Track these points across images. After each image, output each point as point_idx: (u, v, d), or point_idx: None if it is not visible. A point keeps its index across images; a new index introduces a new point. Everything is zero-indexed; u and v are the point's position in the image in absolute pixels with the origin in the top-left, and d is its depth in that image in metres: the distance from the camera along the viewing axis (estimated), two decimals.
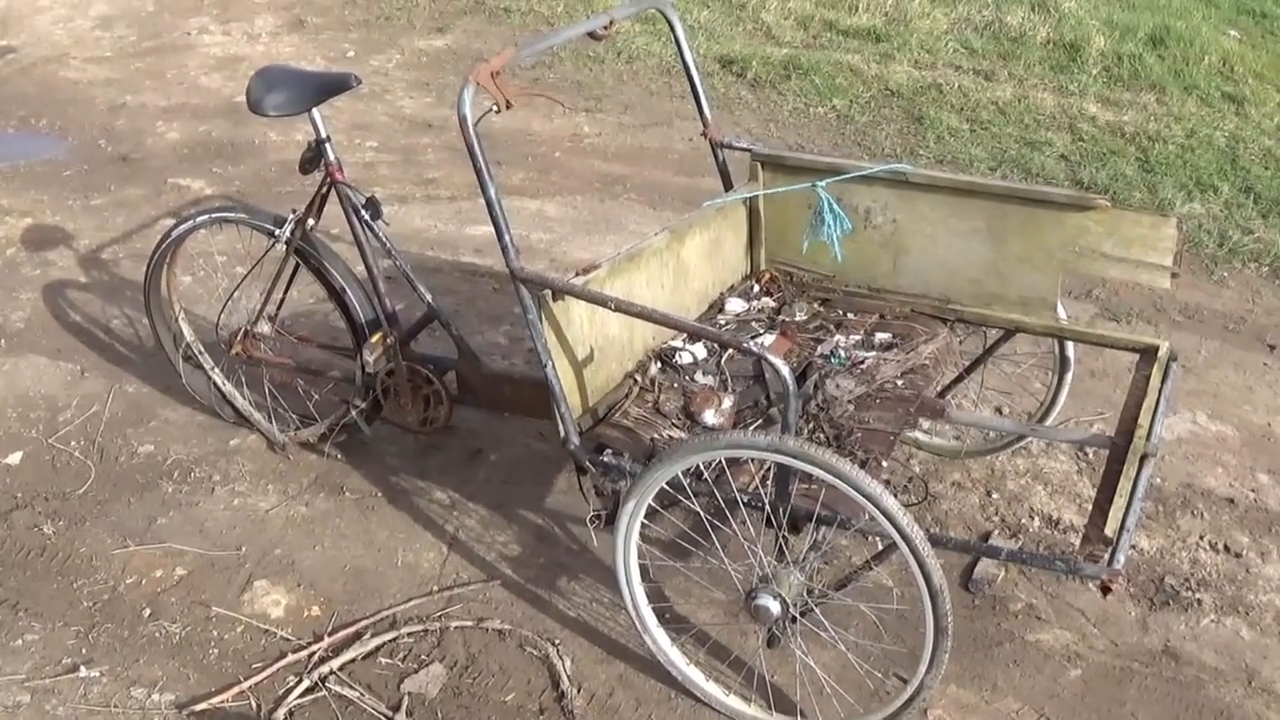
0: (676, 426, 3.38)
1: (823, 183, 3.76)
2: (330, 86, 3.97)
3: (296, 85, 3.97)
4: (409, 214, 6.18)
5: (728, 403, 3.45)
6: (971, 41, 8.38)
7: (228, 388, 4.64)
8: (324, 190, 4.10)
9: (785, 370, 2.92)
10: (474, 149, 3.17)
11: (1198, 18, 8.73)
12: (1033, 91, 7.65)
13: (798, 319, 3.88)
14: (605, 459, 3.33)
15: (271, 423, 4.53)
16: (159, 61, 8.10)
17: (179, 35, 8.48)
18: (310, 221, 4.12)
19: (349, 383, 4.38)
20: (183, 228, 4.26)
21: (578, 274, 3.34)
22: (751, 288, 4.10)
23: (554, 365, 3.25)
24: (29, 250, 5.89)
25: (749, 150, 3.94)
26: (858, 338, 3.76)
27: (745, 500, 3.11)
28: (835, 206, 3.76)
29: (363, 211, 4.05)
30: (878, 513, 2.85)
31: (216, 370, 4.62)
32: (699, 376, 3.59)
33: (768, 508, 3.08)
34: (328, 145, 4.03)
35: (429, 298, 4.10)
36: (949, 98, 7.53)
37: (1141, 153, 6.88)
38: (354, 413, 4.32)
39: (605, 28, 3.55)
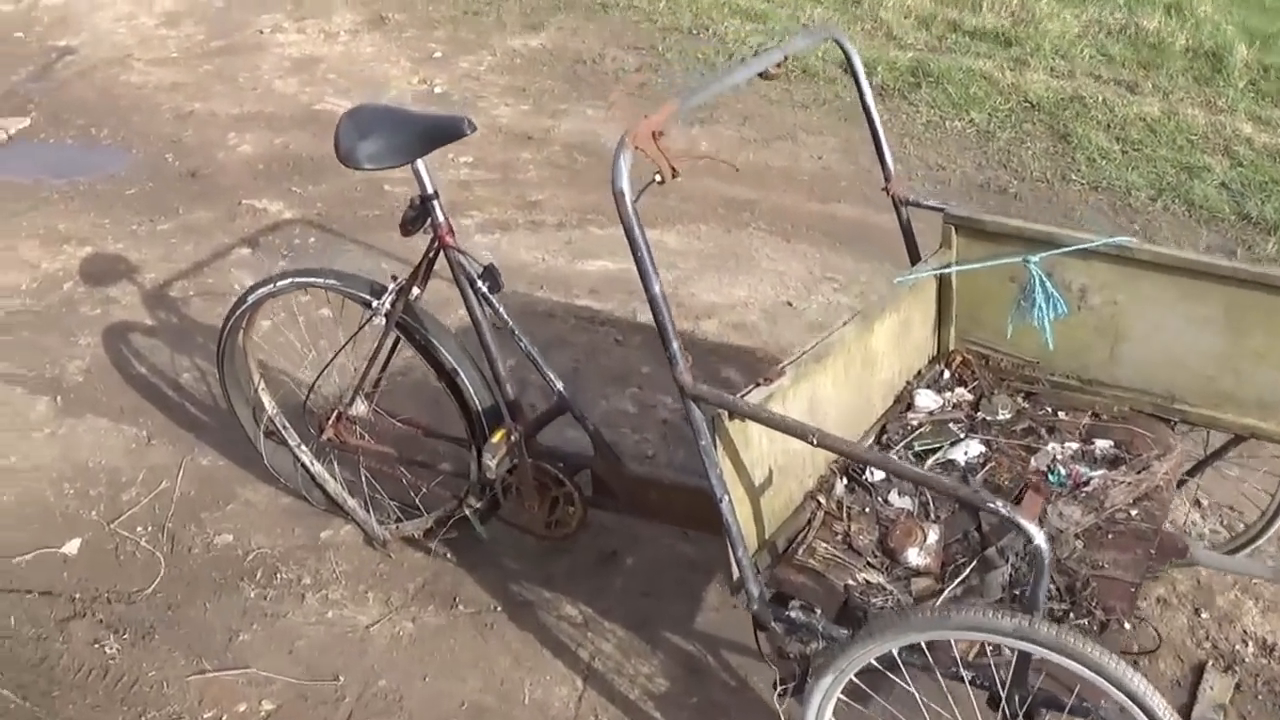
0: (874, 567, 2.84)
1: (1036, 258, 3.15)
2: (439, 134, 3.30)
3: (398, 131, 3.29)
4: (512, 245, 5.50)
5: (933, 536, 2.87)
6: (1108, 47, 7.65)
7: (317, 469, 3.98)
8: (431, 256, 3.45)
9: (1042, 540, 2.29)
10: (634, 232, 2.54)
11: None
12: (1181, 107, 6.92)
13: (1000, 418, 3.26)
14: (792, 614, 2.78)
15: (369, 513, 3.87)
16: (229, 63, 7.41)
17: (250, 34, 7.79)
18: (415, 290, 3.47)
19: (462, 476, 3.73)
20: (261, 291, 3.63)
21: (760, 383, 2.76)
22: (941, 374, 3.49)
23: (730, 499, 2.67)
24: (89, 285, 5.23)
25: (940, 210, 3.33)
26: (1074, 446, 3.15)
27: (969, 679, 2.61)
28: (1049, 285, 3.18)
29: (479, 283, 3.39)
30: (1138, 712, 2.29)
31: (304, 449, 3.96)
32: (894, 497, 3.03)
33: (1001, 698, 2.55)
34: (436, 203, 3.36)
35: (559, 385, 3.47)
36: (1094, 112, 6.80)
37: None
38: (468, 512, 3.65)
39: (777, 65, 2.94)
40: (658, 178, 2.60)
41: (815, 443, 2.55)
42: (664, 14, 7.92)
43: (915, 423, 3.29)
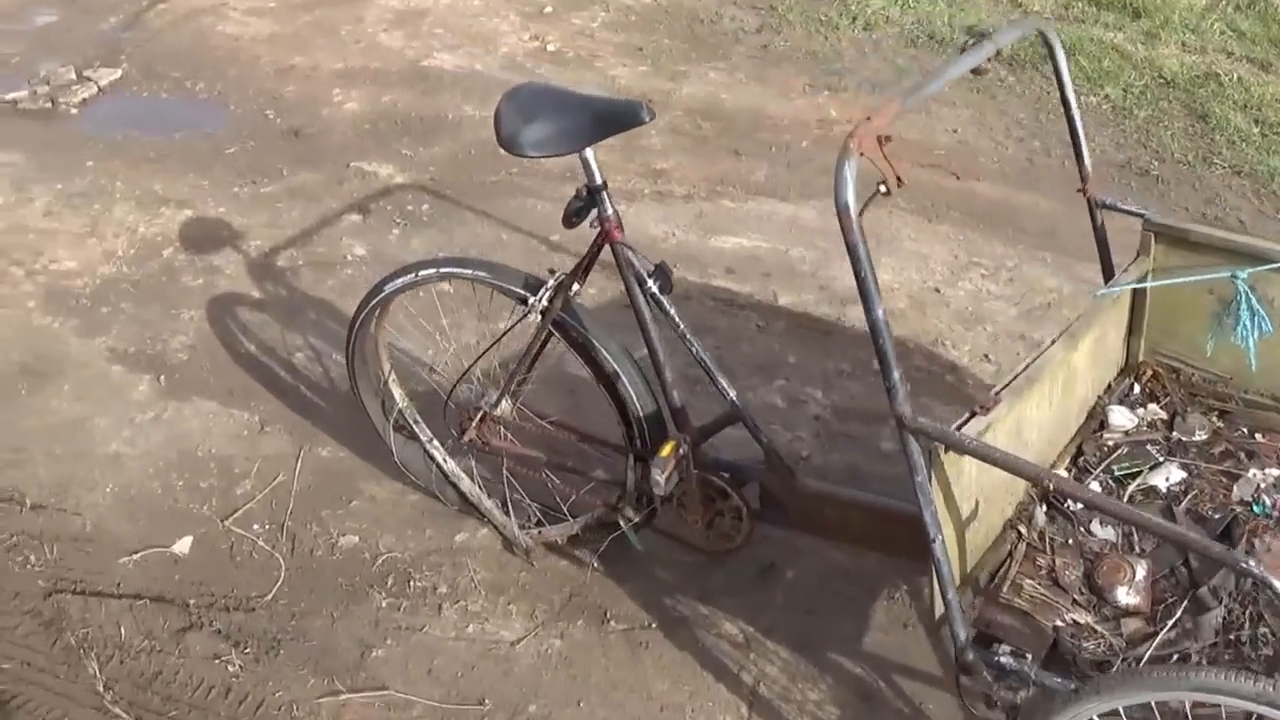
0: (1081, 606, 2.61)
1: (1244, 273, 2.88)
2: (612, 120, 2.94)
3: (566, 115, 2.95)
4: (640, 216, 5.13)
5: (1141, 572, 2.63)
6: (1238, 23, 7.19)
7: (450, 467, 3.62)
8: (595, 251, 3.11)
9: None
10: (858, 251, 2.31)
11: None
12: None
13: (1197, 439, 3.00)
14: (1001, 659, 2.53)
15: (509, 515, 3.51)
16: (330, 14, 7.05)
17: None
18: (574, 287, 3.13)
19: (615, 484, 3.39)
20: (400, 281, 3.31)
21: (976, 412, 2.54)
22: (1131, 388, 3.22)
23: (943, 538, 2.44)
24: (190, 252, 4.91)
25: (1140, 216, 3.08)
26: (1275, 473, 2.88)
27: None
28: (1254, 301, 2.91)
29: (649, 282, 3.04)
30: None
31: (436, 445, 3.61)
32: (1095, 526, 2.79)
33: None
34: (605, 195, 3.01)
35: (733, 394, 3.12)
36: (1230, 91, 6.35)
37: None
38: (622, 523, 3.34)
39: (988, 60, 2.74)
40: (882, 188, 2.32)
41: (1051, 487, 2.46)
42: None
43: (1111, 443, 3.06)
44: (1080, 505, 2.81)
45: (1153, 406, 3.15)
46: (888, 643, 3.29)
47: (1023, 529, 2.77)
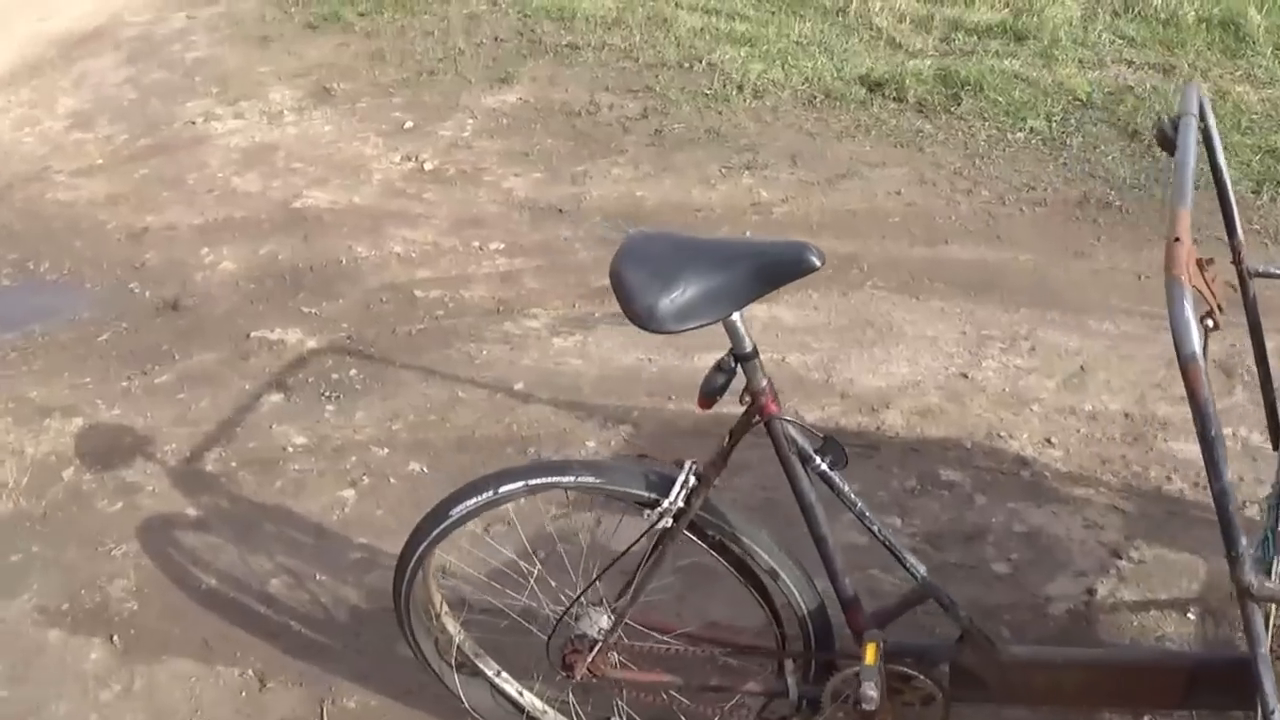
0: None
1: None
2: (776, 271, 2.33)
3: (715, 272, 2.30)
4: (603, 347, 4.52)
5: None
6: (1124, 29, 6.99)
7: (530, 701, 2.89)
8: (743, 431, 2.51)
9: None
10: (1209, 409, 1.86)
11: None
12: (1226, 85, 6.22)
13: None
14: None
15: None
16: (168, 163, 6.20)
17: (180, 126, 6.58)
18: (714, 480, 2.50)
19: (764, 694, 2.80)
20: (473, 503, 2.60)
21: None
22: None
23: None
24: (96, 470, 4.10)
25: None
26: None
27: None
28: None
29: (818, 459, 2.43)
30: None
31: (507, 678, 2.89)
32: None
33: None
34: (758, 363, 2.40)
35: (922, 570, 2.56)
36: (1149, 102, 6.09)
37: None
38: None
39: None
40: (1209, 322, 1.93)
41: None
42: (644, 49, 6.95)
43: None
44: None
45: None
46: None
47: None
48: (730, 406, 2.41)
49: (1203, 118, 2.50)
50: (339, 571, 3.62)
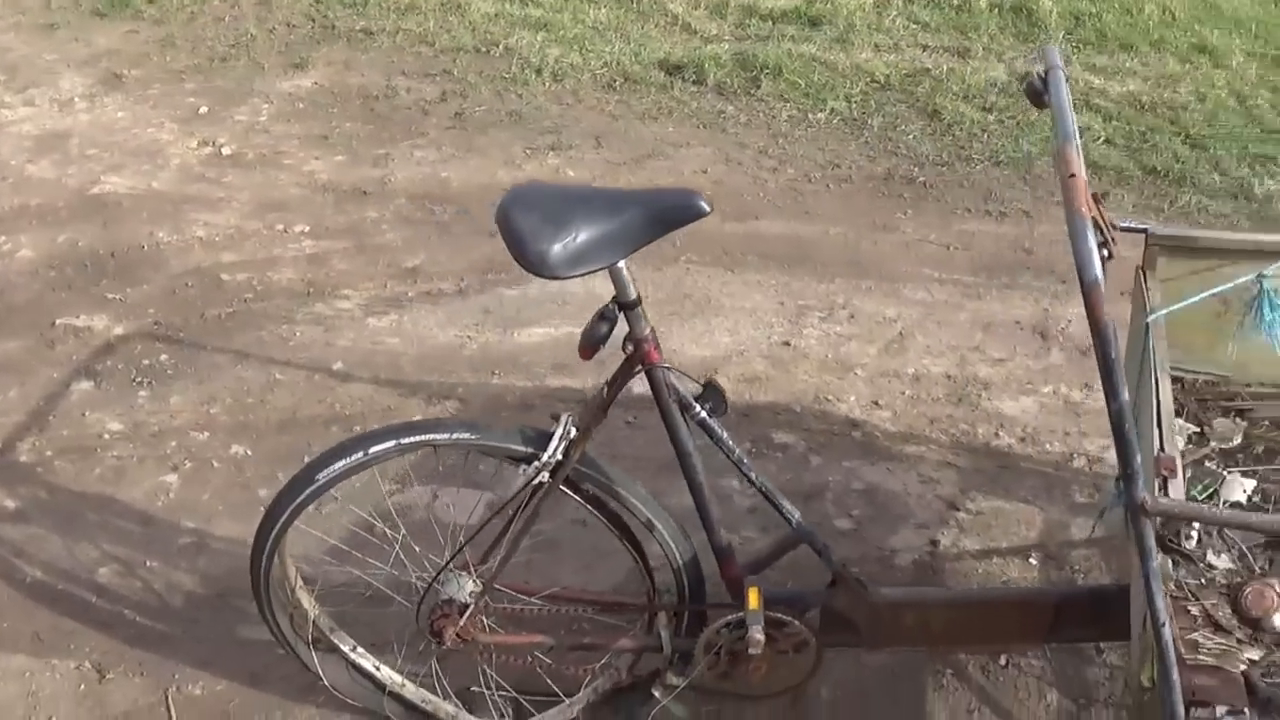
0: (1245, 642, 2.34)
1: (1270, 271, 2.76)
2: (666, 217, 2.40)
3: (605, 218, 2.34)
4: (419, 325, 4.48)
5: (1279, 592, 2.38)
6: (918, 15, 7.19)
7: (387, 675, 2.86)
8: (623, 380, 2.55)
9: None
10: (1109, 332, 1.93)
11: None
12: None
13: (1235, 443, 2.82)
14: None
15: (477, 715, 2.82)
16: None
17: None
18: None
19: (632, 651, 2.83)
20: (341, 466, 2.55)
21: (1165, 475, 2.35)
22: None
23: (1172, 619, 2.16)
24: None
25: (1143, 231, 2.87)
26: None
27: None
28: (1276, 298, 2.80)
29: (697, 407, 2.49)
30: None
31: (363, 653, 2.85)
32: (1211, 558, 2.52)
33: None
34: (640, 310, 2.44)
35: (797, 516, 2.63)
36: (947, 84, 6.33)
37: (1175, 125, 5.96)
38: (659, 692, 2.77)
39: None
40: (1104, 251, 1.98)
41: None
42: (439, 34, 6.88)
43: None
44: (1194, 542, 2.54)
45: (1179, 421, 2.93)
46: None
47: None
48: (557, 381, 2.40)
49: None
50: (169, 557, 3.52)
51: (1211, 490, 2.70)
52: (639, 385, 3.45)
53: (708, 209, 2.29)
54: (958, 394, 4.06)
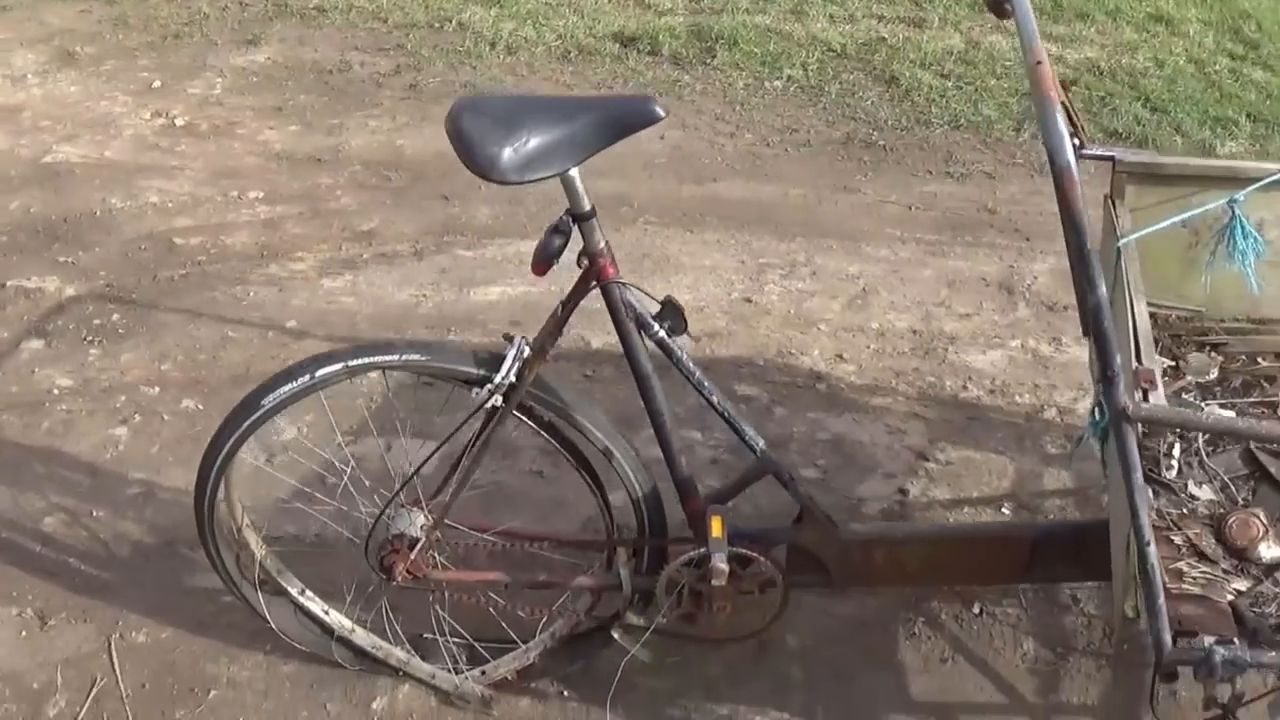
0: (1231, 573, 2.35)
1: (1241, 196, 2.66)
2: (618, 122, 2.28)
3: (559, 123, 2.25)
4: (374, 285, 4.41)
5: (1266, 522, 2.39)
6: None
7: (336, 619, 2.80)
8: (578, 298, 2.46)
9: None
10: (1082, 220, 1.89)
11: None
12: (981, 36, 6.51)
13: (1211, 377, 2.77)
14: (1221, 652, 2.15)
15: (432, 663, 2.75)
16: None
17: None
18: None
19: (591, 590, 2.77)
20: (287, 390, 2.50)
21: (1145, 388, 2.19)
22: None
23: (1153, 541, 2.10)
24: None
25: (1110, 159, 2.77)
26: None
27: None
28: (1248, 225, 2.71)
29: (655, 326, 2.41)
30: None
31: (311, 596, 2.80)
32: (1193, 487, 2.50)
33: None
34: (595, 223, 2.34)
35: (761, 444, 2.56)
36: (904, 52, 6.31)
37: (1134, 90, 5.95)
38: (617, 635, 2.69)
39: None
40: (1075, 141, 1.97)
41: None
42: (392, 10, 6.83)
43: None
44: (1175, 472, 2.52)
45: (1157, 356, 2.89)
46: (936, 684, 2.86)
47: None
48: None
49: None
50: (117, 508, 3.45)
51: None
52: (596, 339, 3.44)
53: (662, 114, 2.23)
54: (924, 348, 4.02)
